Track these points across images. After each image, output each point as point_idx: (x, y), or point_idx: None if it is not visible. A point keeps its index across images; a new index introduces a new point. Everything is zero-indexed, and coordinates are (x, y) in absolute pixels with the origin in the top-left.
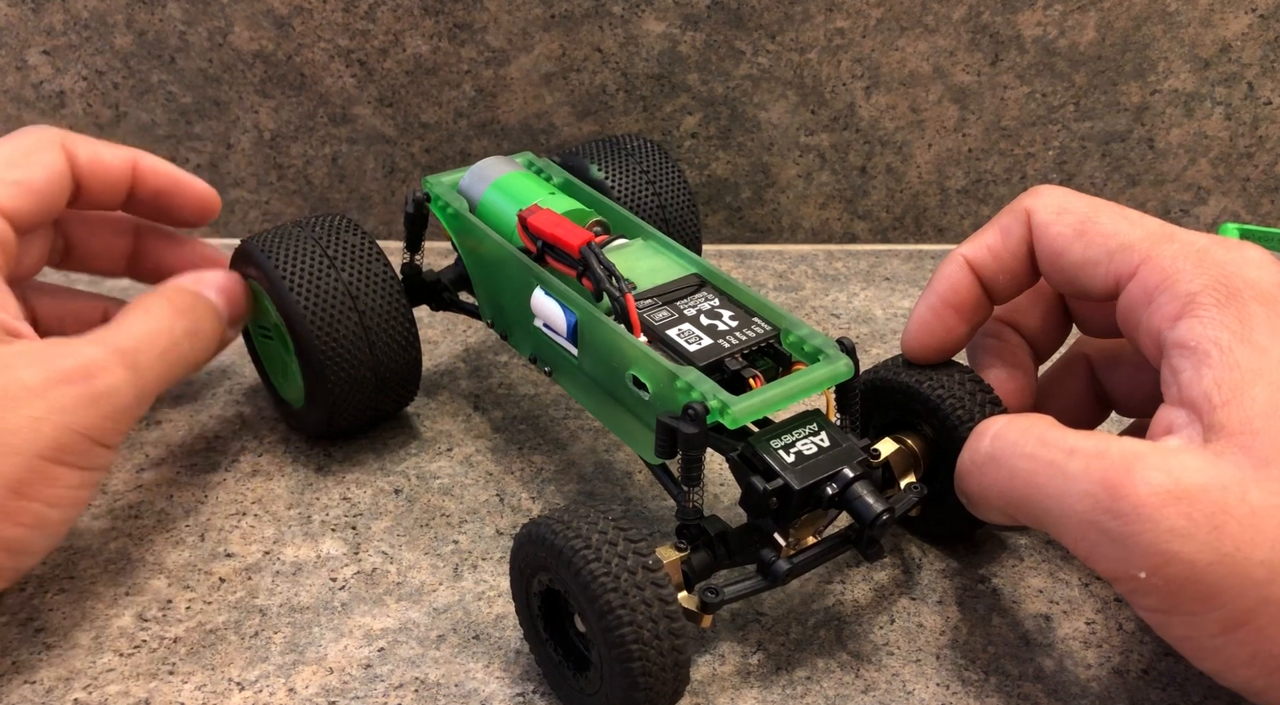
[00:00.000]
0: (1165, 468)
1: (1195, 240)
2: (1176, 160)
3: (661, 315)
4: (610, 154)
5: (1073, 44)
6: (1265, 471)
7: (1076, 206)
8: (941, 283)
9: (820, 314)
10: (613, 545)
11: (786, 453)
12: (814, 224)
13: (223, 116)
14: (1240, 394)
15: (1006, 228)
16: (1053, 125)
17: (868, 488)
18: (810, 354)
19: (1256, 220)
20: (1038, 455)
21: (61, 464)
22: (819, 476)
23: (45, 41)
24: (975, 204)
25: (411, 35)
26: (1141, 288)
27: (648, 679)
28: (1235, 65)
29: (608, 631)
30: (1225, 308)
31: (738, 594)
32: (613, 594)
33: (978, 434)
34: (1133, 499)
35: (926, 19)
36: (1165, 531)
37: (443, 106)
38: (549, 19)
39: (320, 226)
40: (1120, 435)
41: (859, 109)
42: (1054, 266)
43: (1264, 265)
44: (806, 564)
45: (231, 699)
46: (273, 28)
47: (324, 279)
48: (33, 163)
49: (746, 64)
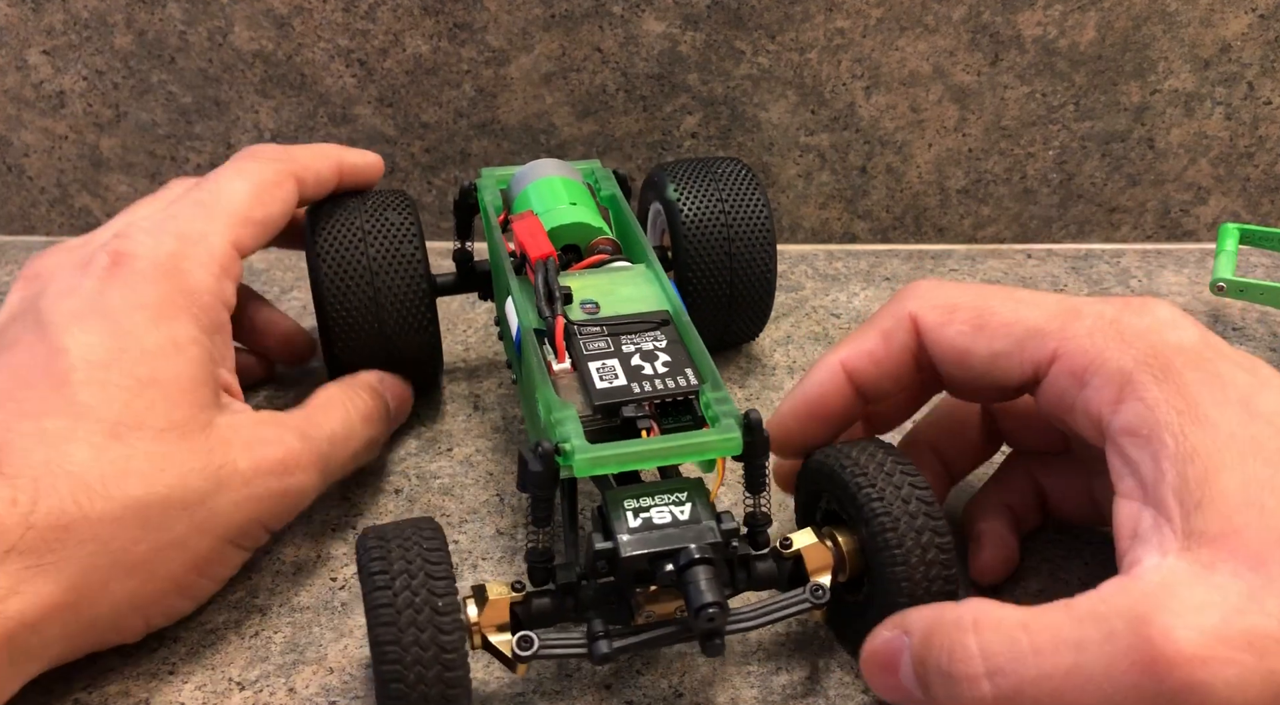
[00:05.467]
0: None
1: (1103, 311)
2: (1176, 160)
3: (598, 345)
4: (694, 176)
5: (1073, 44)
6: (1266, 571)
7: (963, 300)
8: (812, 389)
9: (820, 314)
10: (410, 577)
11: (635, 516)
12: (814, 224)
13: (223, 116)
14: (1209, 488)
15: (888, 333)
16: (1053, 125)
17: (708, 574)
18: (712, 419)
19: (1256, 220)
20: (1044, 651)
21: (238, 547)
22: (654, 549)
23: (45, 41)
24: (975, 204)
25: (411, 35)
26: (1069, 372)
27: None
28: (1235, 65)
29: (375, 662)
30: (1164, 384)
31: (550, 654)
32: (384, 628)
33: (959, 648)
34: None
35: (926, 19)
36: (1223, 686)
37: (443, 106)
38: (549, 19)
39: (373, 200)
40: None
41: (859, 109)
42: (959, 366)
43: (1179, 324)
44: (632, 649)
45: (231, 699)
46: (273, 28)
47: (350, 250)
48: (275, 199)
49: (746, 64)
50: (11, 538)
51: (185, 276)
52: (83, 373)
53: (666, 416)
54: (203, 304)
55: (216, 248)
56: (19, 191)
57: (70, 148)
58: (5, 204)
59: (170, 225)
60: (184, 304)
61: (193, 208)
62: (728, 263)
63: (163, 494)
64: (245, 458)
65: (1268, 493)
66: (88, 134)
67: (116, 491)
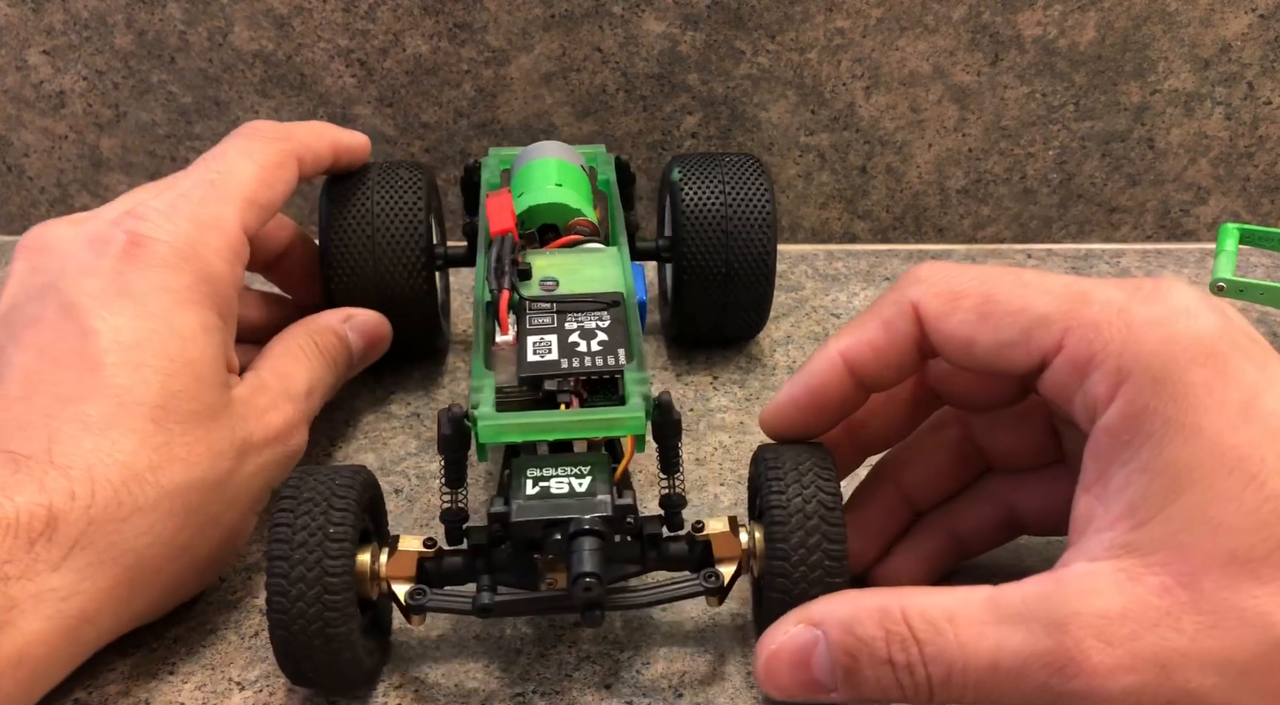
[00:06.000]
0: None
1: (1112, 298)
2: (1176, 160)
3: (542, 321)
4: (703, 165)
5: (1073, 44)
6: (1196, 590)
7: (967, 286)
8: (812, 378)
9: (820, 314)
10: (312, 518)
11: (534, 484)
12: (814, 224)
13: (223, 116)
14: (1168, 504)
15: (890, 322)
16: (1053, 125)
17: (592, 545)
18: (628, 398)
19: (1256, 220)
20: (968, 645)
21: (255, 513)
22: (542, 517)
23: (45, 41)
24: (975, 204)
25: (411, 35)
26: (1071, 363)
27: (287, 644)
28: (1235, 65)
29: (267, 606)
30: (1160, 386)
31: (440, 606)
32: (277, 562)
33: (896, 636)
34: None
35: (926, 19)
36: (1122, 697)
37: (443, 106)
38: (549, 19)
39: (392, 165)
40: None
41: (859, 109)
42: (964, 356)
43: (1193, 312)
44: (510, 608)
45: (231, 699)
46: (273, 28)
47: (355, 196)
48: (280, 180)
49: (746, 64)
50: (74, 533)
51: (204, 263)
52: (115, 356)
53: (596, 394)
54: (219, 290)
55: (230, 233)
56: (19, 191)
57: (70, 148)
58: (5, 204)
59: (184, 207)
60: (206, 290)
61: (204, 189)
62: (724, 248)
63: (200, 476)
64: (258, 429)
65: (1230, 508)
66: (88, 134)
67: (165, 479)
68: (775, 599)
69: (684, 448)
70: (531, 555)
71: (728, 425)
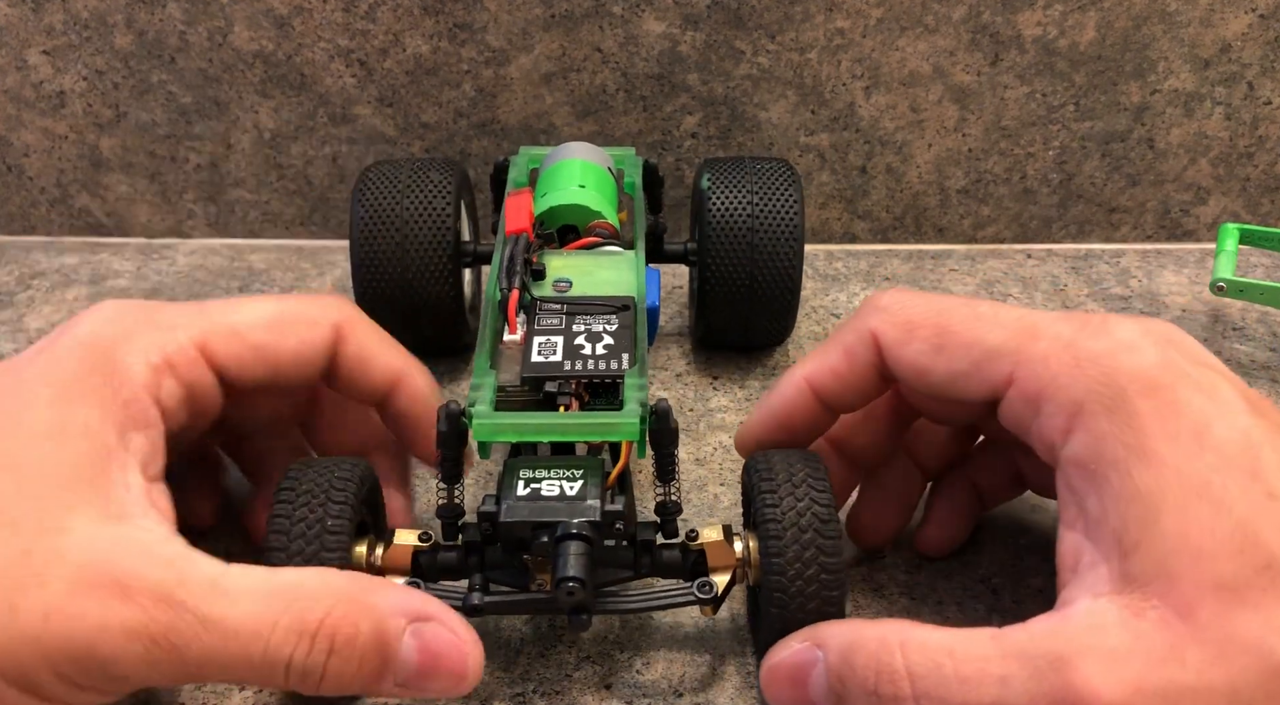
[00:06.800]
0: (1108, 669)
1: (1060, 332)
2: (1176, 160)
3: (552, 322)
4: (734, 171)
5: (1073, 44)
6: (1193, 620)
7: (924, 316)
8: (779, 402)
9: (820, 314)
10: (310, 510)
11: (525, 485)
12: (814, 224)
13: (223, 116)
14: (1148, 531)
15: (851, 350)
16: (1053, 125)
17: (578, 549)
18: (625, 404)
19: (1256, 220)
20: (969, 681)
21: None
22: (530, 519)
23: (45, 41)
24: (975, 204)
25: (411, 35)
26: (1023, 397)
27: None
28: (1235, 65)
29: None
30: (1115, 414)
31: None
32: (275, 534)
33: (887, 669)
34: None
35: (926, 19)
36: None
37: (443, 106)
38: (549, 19)
39: (422, 160)
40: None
41: (859, 109)
42: (920, 384)
43: (1136, 346)
44: (499, 607)
45: (232, 699)
46: (273, 28)
47: (386, 199)
48: (291, 333)
49: (746, 64)
50: None
51: (112, 360)
52: None
53: (598, 397)
54: (122, 394)
55: (171, 342)
56: (19, 191)
57: (70, 148)
58: (5, 204)
59: (142, 312)
60: (96, 387)
61: (194, 305)
62: (749, 260)
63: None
64: (78, 584)
65: (1206, 536)
66: (88, 134)
67: None
68: (774, 614)
69: (684, 448)
70: (521, 555)
71: (728, 425)
